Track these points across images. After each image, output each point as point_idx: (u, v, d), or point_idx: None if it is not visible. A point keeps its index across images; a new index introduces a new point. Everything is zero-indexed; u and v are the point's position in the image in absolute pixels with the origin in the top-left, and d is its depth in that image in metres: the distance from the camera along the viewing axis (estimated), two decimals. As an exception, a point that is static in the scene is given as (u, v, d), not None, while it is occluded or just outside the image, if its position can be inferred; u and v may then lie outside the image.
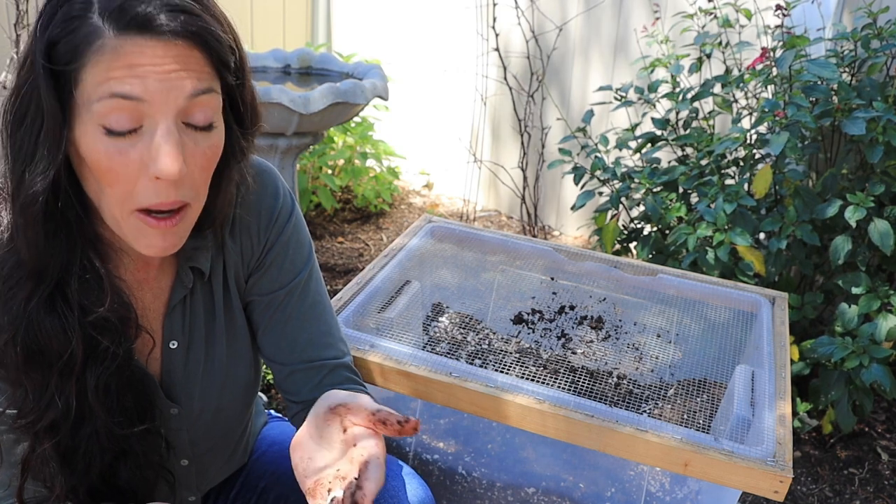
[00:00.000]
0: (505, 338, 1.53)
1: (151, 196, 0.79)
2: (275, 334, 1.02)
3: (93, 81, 0.75)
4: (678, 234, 2.07)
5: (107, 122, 0.76)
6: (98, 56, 0.74)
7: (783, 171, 2.08)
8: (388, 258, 1.54)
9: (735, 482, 1.07)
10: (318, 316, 1.03)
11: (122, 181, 0.78)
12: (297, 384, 1.02)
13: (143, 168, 0.77)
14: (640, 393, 1.41)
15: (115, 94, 0.75)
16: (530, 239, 1.66)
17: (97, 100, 0.75)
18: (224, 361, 1.01)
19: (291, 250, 1.01)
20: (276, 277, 1.01)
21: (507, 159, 3.41)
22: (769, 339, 1.36)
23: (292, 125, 2.27)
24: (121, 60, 0.74)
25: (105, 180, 0.78)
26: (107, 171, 0.77)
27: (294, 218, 1.02)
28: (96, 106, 0.75)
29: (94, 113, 0.75)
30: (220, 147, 0.84)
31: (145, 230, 0.81)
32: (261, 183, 0.98)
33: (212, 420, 1.02)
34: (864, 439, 2.14)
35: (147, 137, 0.77)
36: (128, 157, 0.77)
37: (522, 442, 1.36)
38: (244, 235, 0.99)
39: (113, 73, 0.74)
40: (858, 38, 2.07)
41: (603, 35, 3.05)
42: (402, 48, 3.67)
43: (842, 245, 1.94)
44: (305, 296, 1.02)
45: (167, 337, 0.97)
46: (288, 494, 1.12)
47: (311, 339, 1.02)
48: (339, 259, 3.05)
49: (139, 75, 0.75)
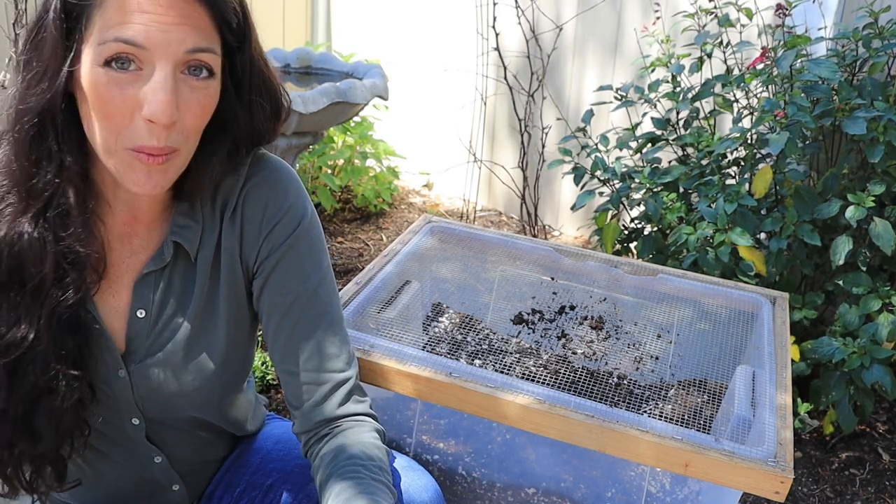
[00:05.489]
0: (505, 338, 1.52)
1: (144, 136, 0.84)
2: (281, 340, 1.01)
3: (102, 23, 0.81)
4: (678, 234, 2.06)
5: (103, 57, 0.82)
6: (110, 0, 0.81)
7: (784, 171, 2.08)
8: (387, 258, 1.53)
9: (736, 483, 1.07)
10: (327, 326, 1.02)
11: (116, 115, 0.83)
12: (299, 395, 1.02)
13: (137, 107, 0.83)
14: (641, 393, 1.40)
15: (120, 38, 0.81)
16: (530, 239, 1.66)
17: (103, 42, 0.81)
18: (192, 346, 1.00)
19: (301, 255, 1.00)
20: (284, 281, 1.00)
21: (507, 159, 3.40)
22: (770, 340, 1.35)
23: (292, 125, 2.27)
24: (129, 6, 0.81)
25: (101, 112, 0.83)
26: (105, 102, 0.83)
27: (306, 223, 1.01)
28: (102, 47, 0.81)
29: (100, 52, 0.81)
30: (214, 98, 0.89)
31: (134, 165, 0.86)
32: (273, 178, 1.00)
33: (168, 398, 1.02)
34: (866, 440, 2.13)
35: (145, 80, 0.82)
36: (125, 91, 0.82)
37: (522, 442, 1.36)
38: (247, 223, 0.99)
39: (121, 18, 0.81)
40: (859, 38, 2.07)
41: (601, 35, 3.05)
42: (401, 48, 3.67)
43: (842, 245, 1.93)
44: (314, 304, 1.01)
45: (135, 304, 0.98)
46: (297, 492, 1.12)
47: (318, 348, 1.01)
48: (339, 259, 3.04)
49: (143, 23, 0.80)
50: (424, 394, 1.20)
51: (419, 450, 1.40)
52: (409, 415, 1.43)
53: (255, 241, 0.99)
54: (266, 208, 0.99)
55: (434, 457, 1.39)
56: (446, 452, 1.39)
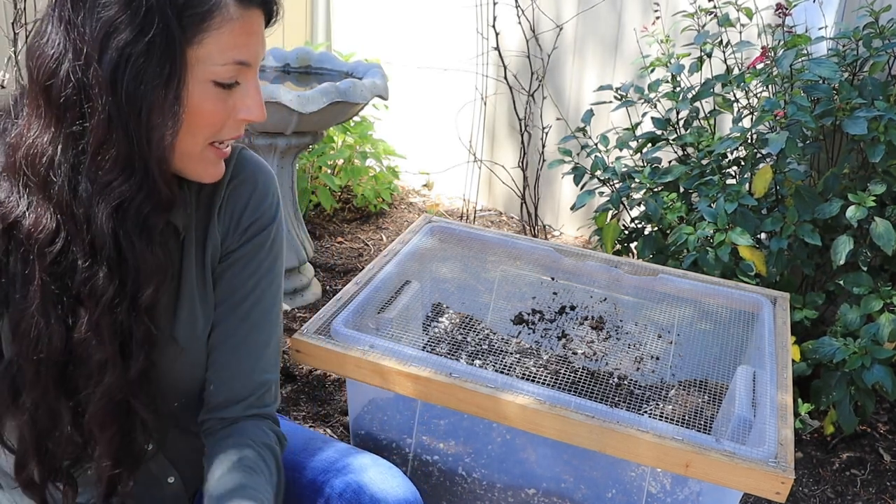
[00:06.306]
0: (505, 338, 1.52)
1: (233, 132, 0.94)
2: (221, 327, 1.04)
3: (218, 46, 0.86)
4: (679, 234, 2.06)
5: (217, 78, 0.88)
6: (226, 24, 0.86)
7: (784, 170, 2.07)
8: (387, 258, 1.53)
9: (736, 483, 1.06)
10: (270, 326, 1.07)
11: (216, 123, 0.91)
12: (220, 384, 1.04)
13: (233, 112, 0.92)
14: (641, 393, 1.40)
15: (238, 61, 0.88)
16: (530, 239, 1.66)
17: (221, 63, 0.87)
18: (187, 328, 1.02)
19: (264, 253, 1.06)
20: (244, 273, 1.04)
21: (507, 159, 3.40)
22: (771, 340, 1.35)
23: (291, 124, 2.26)
24: (244, 29, 0.87)
25: (202, 123, 0.90)
26: (209, 115, 0.90)
27: (277, 224, 1.07)
28: (217, 68, 0.87)
29: (211, 72, 0.87)
30: None
31: (214, 159, 0.95)
32: (256, 178, 1.05)
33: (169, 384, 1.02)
34: (866, 440, 2.13)
35: (241, 89, 0.91)
36: (226, 104, 0.90)
37: (523, 443, 1.35)
38: (229, 216, 1.04)
39: (237, 40, 0.87)
40: (860, 37, 2.07)
41: (601, 34, 3.05)
42: (401, 48, 3.66)
43: (843, 245, 1.93)
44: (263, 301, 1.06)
45: None
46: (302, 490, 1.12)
47: (255, 343, 1.05)
48: (339, 259, 3.04)
49: (256, 44, 0.89)
50: (424, 394, 1.20)
51: (419, 450, 1.39)
52: (409, 415, 1.42)
53: (232, 233, 1.04)
54: (248, 204, 1.04)
55: (434, 457, 1.39)
56: (446, 453, 1.39)
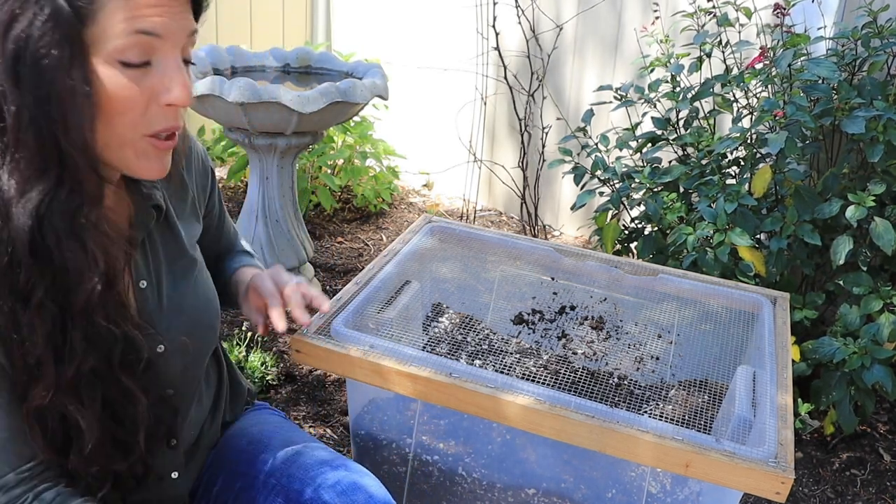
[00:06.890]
0: (505, 338, 1.52)
1: (162, 121, 0.88)
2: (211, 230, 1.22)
3: (113, 18, 0.80)
4: (678, 234, 2.06)
5: (123, 57, 0.82)
6: None
7: (783, 170, 2.07)
8: (387, 258, 1.53)
9: (736, 483, 1.06)
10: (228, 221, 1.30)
11: (133, 109, 0.85)
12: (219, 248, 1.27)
13: (153, 97, 0.86)
14: (641, 393, 1.40)
15: (139, 30, 0.81)
16: (530, 239, 1.66)
17: (117, 36, 0.80)
18: (195, 296, 1.06)
19: (217, 190, 1.21)
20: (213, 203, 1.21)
21: (507, 159, 3.40)
22: (771, 340, 1.35)
23: (291, 124, 2.26)
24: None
25: (118, 109, 0.84)
26: (122, 100, 0.84)
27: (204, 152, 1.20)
28: (116, 42, 0.81)
29: (112, 49, 0.81)
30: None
31: (150, 153, 0.89)
32: (196, 142, 1.15)
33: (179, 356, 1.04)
34: (866, 440, 2.13)
35: (157, 69, 0.85)
36: (141, 85, 0.84)
37: (523, 443, 1.35)
38: (198, 174, 1.12)
39: (138, 11, 0.81)
40: (859, 37, 2.07)
41: (601, 34, 3.05)
42: (401, 48, 3.66)
43: (843, 245, 1.93)
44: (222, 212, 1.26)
45: (136, 277, 1.00)
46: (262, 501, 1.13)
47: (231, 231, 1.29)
48: (339, 259, 3.04)
49: (160, 14, 0.82)
50: (424, 394, 1.20)
51: (419, 450, 1.40)
52: (409, 415, 1.42)
53: (207, 182, 1.16)
54: (203, 161, 1.15)
55: (434, 457, 1.39)
56: (446, 453, 1.39)
